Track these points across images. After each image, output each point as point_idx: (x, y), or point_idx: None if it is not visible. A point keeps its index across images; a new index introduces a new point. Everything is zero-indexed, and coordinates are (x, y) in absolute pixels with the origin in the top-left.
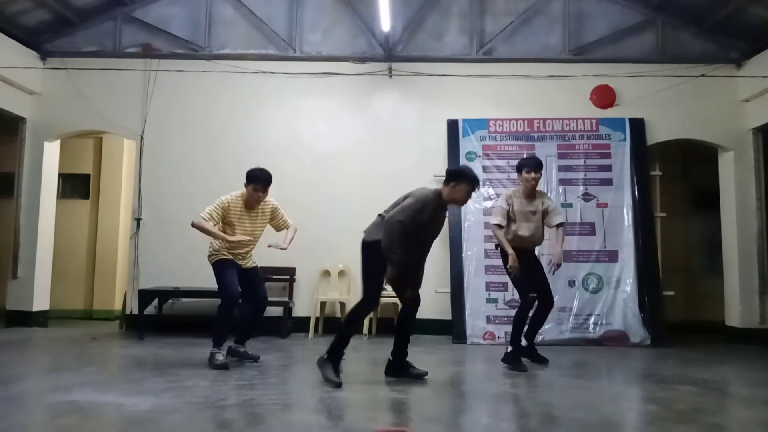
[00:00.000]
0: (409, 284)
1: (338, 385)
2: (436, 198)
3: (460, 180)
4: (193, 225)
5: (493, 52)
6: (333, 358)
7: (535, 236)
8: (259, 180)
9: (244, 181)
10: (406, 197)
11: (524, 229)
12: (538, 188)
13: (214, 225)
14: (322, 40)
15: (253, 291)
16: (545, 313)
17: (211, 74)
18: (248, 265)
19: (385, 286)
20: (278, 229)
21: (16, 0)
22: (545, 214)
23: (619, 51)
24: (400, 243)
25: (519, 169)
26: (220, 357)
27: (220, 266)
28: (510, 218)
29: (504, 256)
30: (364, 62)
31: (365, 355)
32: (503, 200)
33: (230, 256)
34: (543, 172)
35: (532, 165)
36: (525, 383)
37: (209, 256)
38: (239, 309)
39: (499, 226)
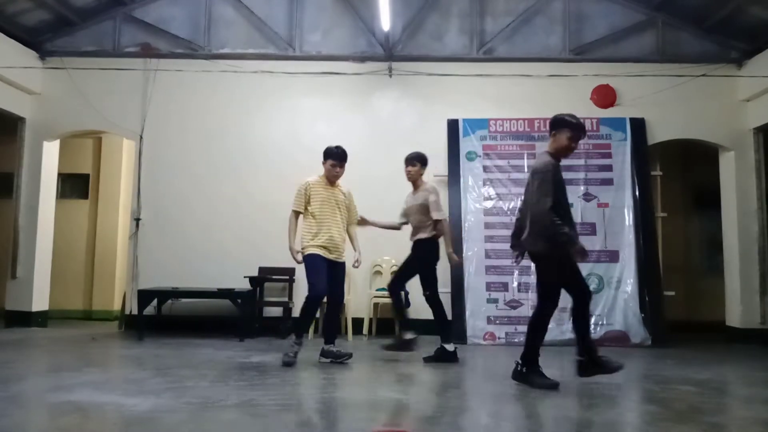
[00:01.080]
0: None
1: (556, 386)
2: (551, 158)
3: (560, 128)
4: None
5: (493, 51)
6: (531, 366)
7: (413, 233)
8: (335, 155)
9: (321, 159)
10: (533, 178)
11: (410, 225)
12: (424, 182)
13: (303, 212)
14: (322, 39)
15: (334, 289)
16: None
17: (211, 74)
18: (340, 258)
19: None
20: (348, 222)
21: (16, 0)
22: (427, 208)
23: (620, 51)
24: (557, 222)
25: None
26: (291, 355)
27: (309, 260)
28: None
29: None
30: (364, 62)
31: (365, 355)
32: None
33: (321, 251)
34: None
35: (407, 159)
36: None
37: (302, 248)
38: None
39: (404, 223)
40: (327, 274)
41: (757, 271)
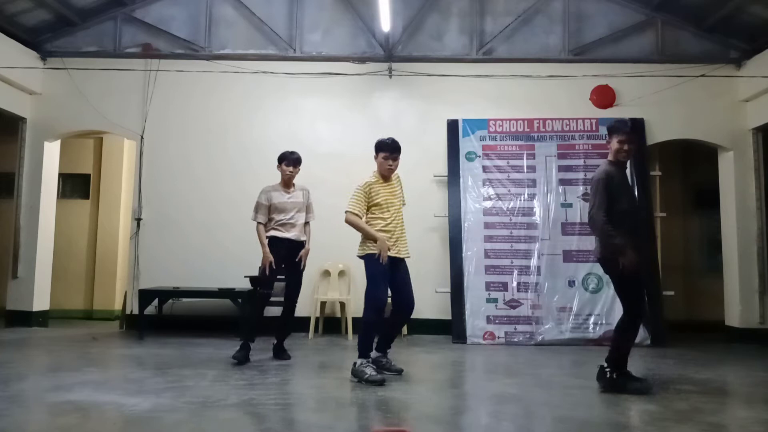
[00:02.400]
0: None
1: (648, 389)
2: (609, 166)
3: (609, 134)
4: (347, 222)
5: (493, 52)
6: (621, 373)
7: (295, 232)
8: (386, 146)
9: (374, 154)
10: (591, 187)
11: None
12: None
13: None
14: (322, 40)
15: (399, 292)
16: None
17: (212, 74)
18: (402, 253)
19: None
20: None
21: (16, 0)
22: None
23: (619, 51)
24: (609, 232)
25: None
26: (370, 370)
27: (372, 264)
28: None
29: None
30: (364, 62)
31: None
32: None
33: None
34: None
35: (297, 160)
36: (525, 383)
37: (360, 249)
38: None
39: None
40: (392, 272)
41: (756, 271)
